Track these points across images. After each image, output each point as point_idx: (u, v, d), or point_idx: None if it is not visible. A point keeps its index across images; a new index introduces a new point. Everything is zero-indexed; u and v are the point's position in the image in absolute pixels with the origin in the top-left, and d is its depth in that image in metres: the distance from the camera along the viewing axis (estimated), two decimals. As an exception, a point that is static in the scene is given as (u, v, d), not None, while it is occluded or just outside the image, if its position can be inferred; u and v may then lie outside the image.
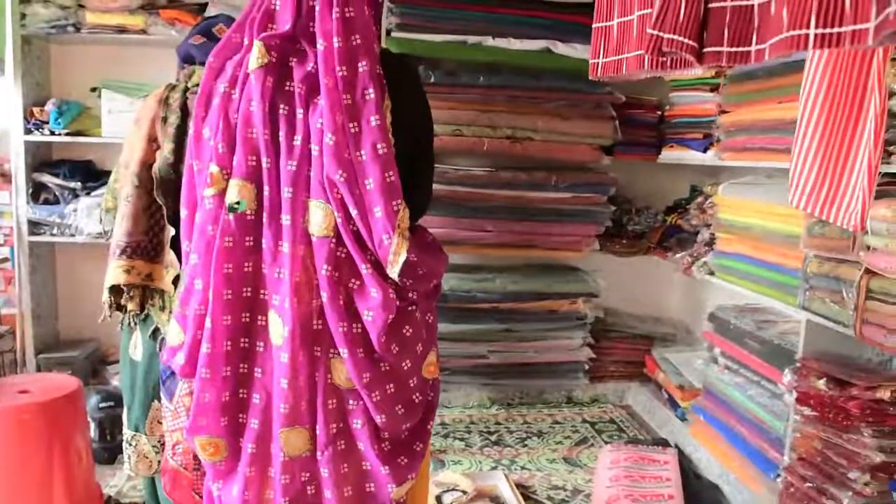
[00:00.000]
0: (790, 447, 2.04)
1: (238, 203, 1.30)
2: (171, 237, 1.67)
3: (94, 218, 2.94)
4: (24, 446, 1.95)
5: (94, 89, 3.01)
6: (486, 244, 3.14)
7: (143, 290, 1.75)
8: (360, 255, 1.30)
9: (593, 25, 1.77)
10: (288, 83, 1.31)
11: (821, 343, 2.05)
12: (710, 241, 2.73)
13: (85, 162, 3.14)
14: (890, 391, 1.75)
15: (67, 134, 2.96)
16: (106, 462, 2.52)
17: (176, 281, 1.65)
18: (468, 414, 3.19)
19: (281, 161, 1.30)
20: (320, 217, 1.29)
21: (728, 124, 2.64)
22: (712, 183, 2.80)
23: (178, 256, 1.65)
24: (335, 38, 1.25)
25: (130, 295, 1.74)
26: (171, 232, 1.66)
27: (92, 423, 2.47)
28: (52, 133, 2.95)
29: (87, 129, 3.03)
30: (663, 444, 2.77)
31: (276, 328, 1.33)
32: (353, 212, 1.27)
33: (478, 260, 3.30)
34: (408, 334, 1.37)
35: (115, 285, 1.71)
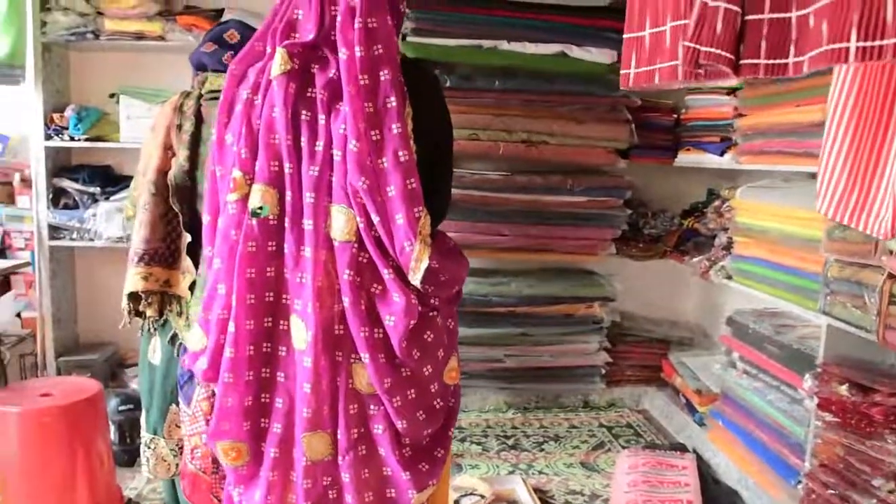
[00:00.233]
0: (811, 453, 2.02)
1: (261, 208, 1.31)
2: (187, 243, 1.68)
3: (113, 222, 2.98)
4: (47, 449, 1.97)
5: (112, 95, 3.04)
6: (501, 248, 3.15)
7: (161, 296, 1.76)
8: (382, 260, 1.30)
9: (624, 36, 1.74)
10: (310, 89, 1.31)
11: (841, 348, 2.03)
12: (728, 244, 2.72)
13: (104, 167, 3.17)
14: (914, 397, 1.73)
15: (87, 139, 3.00)
16: (126, 464, 2.55)
17: (192, 287, 1.66)
18: (485, 418, 3.19)
19: (303, 166, 1.31)
20: (342, 222, 1.29)
21: (745, 127, 2.63)
22: (730, 186, 2.79)
23: (194, 262, 1.67)
24: (357, 47, 1.25)
25: (149, 301, 1.74)
26: (188, 238, 1.67)
27: (112, 426, 2.49)
28: (72, 139, 2.98)
29: (105, 134, 3.06)
30: (681, 448, 2.76)
31: (299, 332, 1.33)
32: (375, 219, 1.28)
33: (493, 264, 3.29)
34: (429, 340, 1.36)
35: (134, 292, 1.72)
